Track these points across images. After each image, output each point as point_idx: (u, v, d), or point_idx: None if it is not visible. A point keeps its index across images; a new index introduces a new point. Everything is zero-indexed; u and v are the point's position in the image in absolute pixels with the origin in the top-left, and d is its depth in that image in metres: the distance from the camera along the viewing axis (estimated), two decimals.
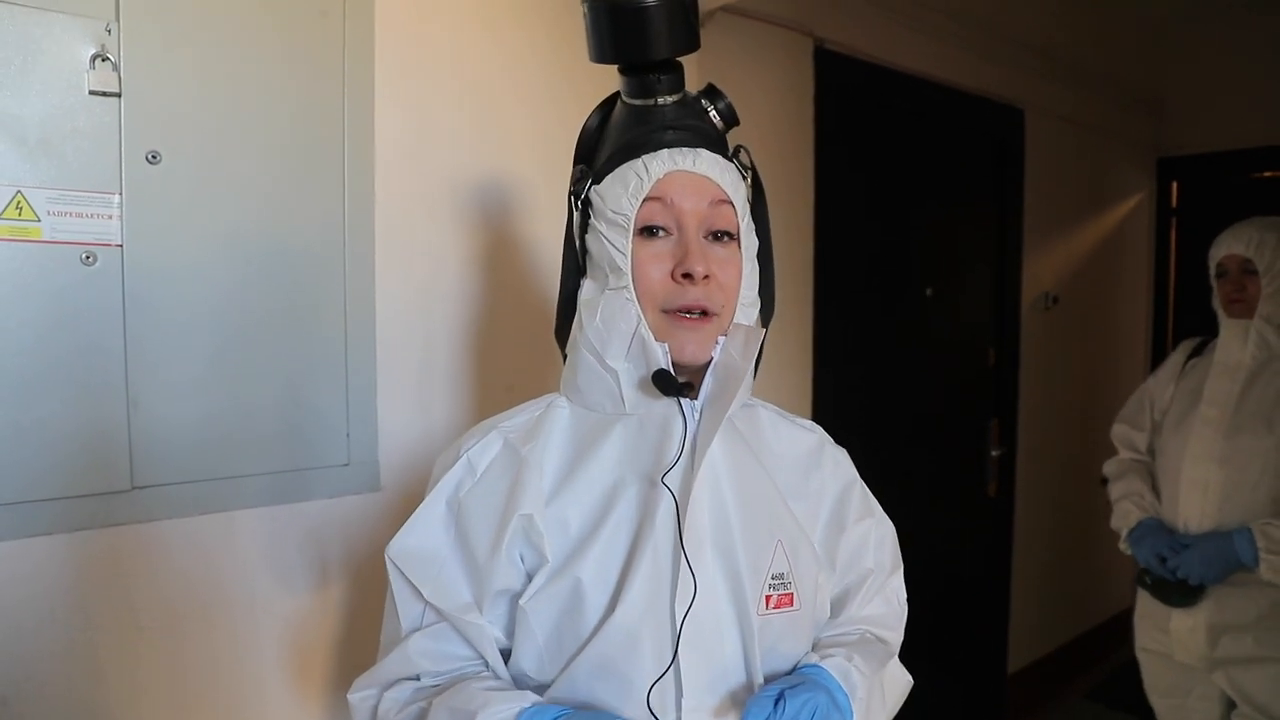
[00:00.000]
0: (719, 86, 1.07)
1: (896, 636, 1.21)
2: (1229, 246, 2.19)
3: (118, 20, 1.30)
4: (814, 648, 1.08)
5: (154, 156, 1.35)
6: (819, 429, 1.20)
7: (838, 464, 1.17)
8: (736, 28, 2.20)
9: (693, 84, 1.07)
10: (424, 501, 1.03)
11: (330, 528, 1.57)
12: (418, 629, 1.00)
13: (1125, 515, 2.30)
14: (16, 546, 1.27)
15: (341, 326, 1.56)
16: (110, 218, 1.32)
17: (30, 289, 1.26)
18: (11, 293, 1.25)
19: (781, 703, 0.91)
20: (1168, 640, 2.22)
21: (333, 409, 1.56)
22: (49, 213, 1.27)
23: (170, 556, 1.40)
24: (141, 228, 1.35)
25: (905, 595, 1.23)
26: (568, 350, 1.10)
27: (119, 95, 1.31)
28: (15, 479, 1.26)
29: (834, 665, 1.00)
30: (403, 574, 1.01)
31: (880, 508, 1.21)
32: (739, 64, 2.24)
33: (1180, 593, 2.12)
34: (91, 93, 1.29)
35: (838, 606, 1.15)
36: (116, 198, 1.32)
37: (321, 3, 1.51)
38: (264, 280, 1.47)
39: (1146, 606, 2.30)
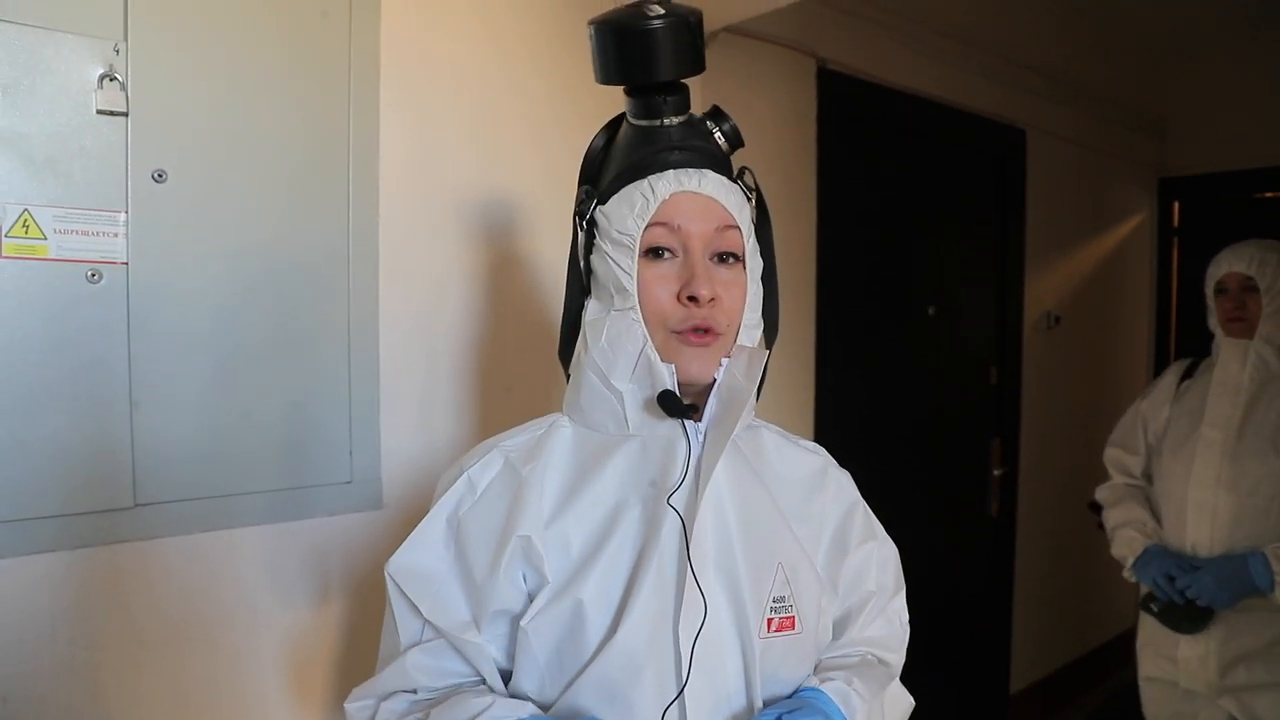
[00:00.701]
0: (722, 107, 1.07)
1: (898, 658, 1.20)
2: (1230, 264, 2.18)
3: (126, 40, 1.32)
4: (815, 670, 1.07)
5: (160, 175, 1.36)
6: (823, 451, 1.19)
7: (841, 487, 1.17)
8: (740, 48, 2.22)
9: (696, 104, 1.07)
10: (425, 519, 1.03)
11: (332, 545, 1.57)
12: (416, 644, 1.00)
13: (1129, 543, 2.26)
14: (19, 563, 1.27)
15: (345, 344, 1.56)
16: (116, 236, 1.33)
17: (36, 306, 1.27)
18: (18, 310, 1.25)
19: None
20: (1174, 668, 2.19)
21: (335, 427, 1.56)
22: (55, 230, 1.27)
23: (172, 574, 1.40)
24: (147, 246, 1.35)
25: (907, 616, 1.22)
26: (571, 370, 1.10)
27: (126, 114, 1.32)
28: (19, 495, 1.26)
29: (833, 689, 1.00)
30: (402, 591, 1.00)
31: (883, 529, 1.20)
32: (742, 84, 2.25)
33: (1189, 618, 2.09)
34: (99, 112, 1.30)
35: (839, 628, 1.14)
36: (122, 216, 1.33)
37: (323, 3, 1.52)
38: (268, 298, 1.47)
39: (1151, 634, 2.27)
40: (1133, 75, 4.04)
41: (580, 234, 1.06)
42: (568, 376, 1.12)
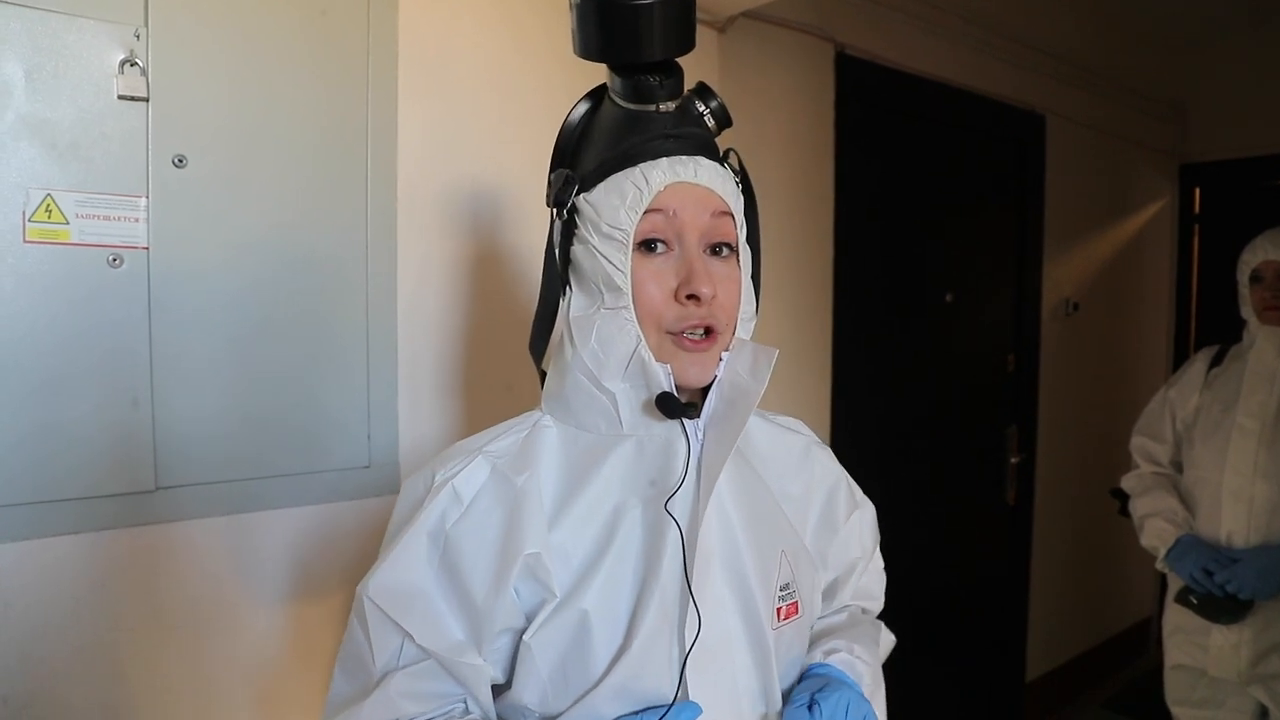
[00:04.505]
0: (742, 91, 1.05)
1: (879, 604, 1.25)
2: (1267, 252, 2.15)
3: (146, 26, 1.32)
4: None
5: (180, 160, 1.36)
6: (805, 428, 1.18)
7: (825, 465, 1.16)
8: (757, 33, 2.20)
9: (710, 89, 1.04)
10: (403, 536, 0.94)
11: (350, 530, 1.58)
12: (395, 669, 0.92)
13: (1160, 533, 2.23)
14: (44, 544, 1.28)
15: (363, 330, 1.57)
16: (137, 221, 1.34)
17: (59, 291, 1.28)
18: (41, 294, 1.26)
19: (816, 708, 0.91)
20: (1204, 656, 2.18)
21: (354, 412, 1.57)
22: (77, 215, 1.28)
23: (193, 557, 1.42)
24: (167, 231, 1.36)
25: (883, 563, 1.26)
26: (552, 367, 1.03)
27: (147, 100, 1.33)
28: (43, 478, 1.28)
29: (841, 661, 1.02)
30: (384, 613, 0.92)
31: (861, 491, 1.21)
32: (760, 69, 2.23)
33: (1230, 610, 2.07)
34: (120, 97, 1.31)
35: (828, 595, 1.16)
36: (143, 201, 1.34)
37: (328, 2, 1.52)
38: (287, 283, 1.48)
39: (1180, 621, 2.25)
40: (1153, 60, 3.99)
41: (558, 222, 1.00)
42: (539, 370, 1.08)
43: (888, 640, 1.22)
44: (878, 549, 1.24)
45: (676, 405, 0.93)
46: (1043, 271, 3.40)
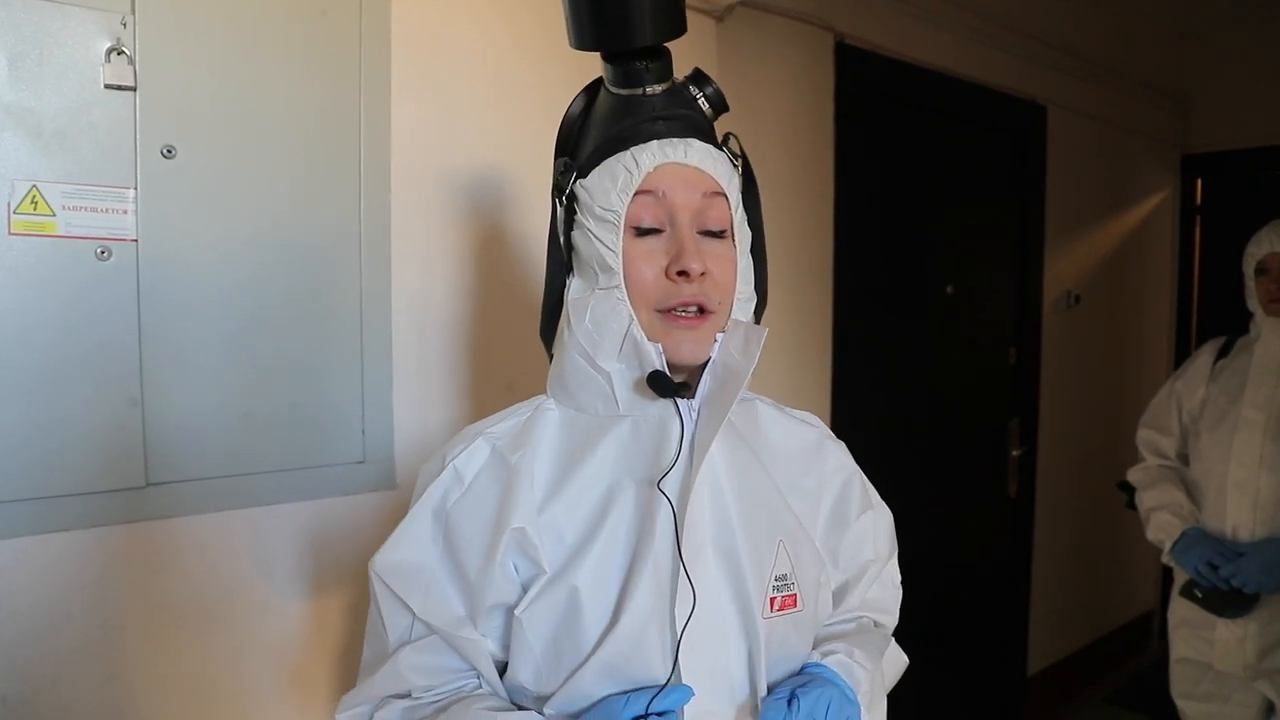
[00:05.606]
0: (740, 81, 1.05)
1: (893, 619, 1.21)
2: (1273, 244, 2.14)
3: (133, 14, 1.30)
4: (814, 642, 1.06)
5: (169, 151, 1.34)
6: (819, 422, 1.17)
7: (838, 459, 1.14)
8: (756, 22, 2.18)
9: (706, 75, 1.04)
10: (410, 513, 1.00)
11: (346, 526, 1.56)
12: (406, 643, 0.98)
13: (1166, 527, 2.22)
14: (35, 542, 1.27)
15: (357, 323, 1.55)
16: (125, 212, 1.32)
17: (46, 284, 1.26)
18: (28, 288, 1.24)
19: (795, 702, 0.90)
20: (1209, 649, 2.17)
21: (348, 406, 1.55)
22: (64, 207, 1.26)
23: (186, 553, 1.40)
24: (156, 222, 1.34)
25: (900, 578, 1.22)
26: (555, 351, 1.06)
27: (134, 89, 1.31)
28: (34, 475, 1.26)
29: (836, 662, 1.01)
30: (390, 588, 0.98)
31: (878, 495, 1.19)
32: (758, 59, 2.21)
33: (1234, 603, 2.06)
34: (107, 86, 1.29)
35: (837, 598, 1.14)
36: (131, 192, 1.32)
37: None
38: (279, 276, 1.46)
39: (1186, 615, 2.24)
40: (1155, 50, 3.97)
41: (559, 209, 1.02)
42: (550, 356, 1.09)
43: (899, 660, 1.19)
44: (894, 560, 1.20)
45: (668, 384, 0.94)
46: (1044, 263, 3.39)
